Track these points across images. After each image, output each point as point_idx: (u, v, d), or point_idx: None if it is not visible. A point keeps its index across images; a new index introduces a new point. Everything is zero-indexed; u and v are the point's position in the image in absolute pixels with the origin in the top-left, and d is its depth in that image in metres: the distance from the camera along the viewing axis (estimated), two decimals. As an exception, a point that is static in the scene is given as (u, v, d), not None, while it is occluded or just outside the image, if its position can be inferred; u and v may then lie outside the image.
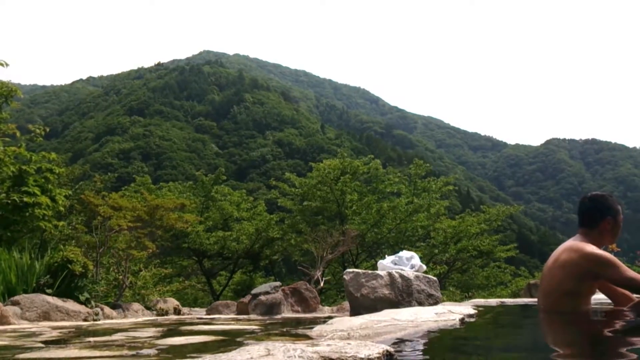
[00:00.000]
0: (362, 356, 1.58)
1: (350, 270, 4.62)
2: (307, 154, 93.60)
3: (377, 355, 1.61)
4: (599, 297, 3.82)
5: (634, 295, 3.35)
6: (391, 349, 1.70)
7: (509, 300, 4.90)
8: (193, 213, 16.05)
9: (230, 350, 1.56)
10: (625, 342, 2.18)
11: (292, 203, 18.52)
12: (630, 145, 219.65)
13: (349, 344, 1.76)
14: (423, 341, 2.18)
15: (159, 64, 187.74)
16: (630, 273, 3.16)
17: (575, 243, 3.34)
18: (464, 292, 16.73)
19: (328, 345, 1.76)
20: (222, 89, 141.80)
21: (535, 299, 3.86)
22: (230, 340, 3.38)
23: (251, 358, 1.35)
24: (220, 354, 1.46)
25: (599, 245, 3.30)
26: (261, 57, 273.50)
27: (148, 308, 8.06)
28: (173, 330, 4.57)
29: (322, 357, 1.56)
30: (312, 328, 2.99)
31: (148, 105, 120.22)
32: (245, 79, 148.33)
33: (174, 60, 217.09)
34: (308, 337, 2.39)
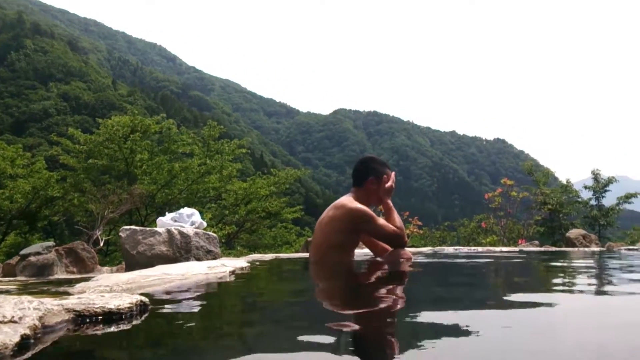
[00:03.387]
0: (112, 307, 1.51)
1: (127, 227, 4.45)
2: (97, 110, 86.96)
3: (129, 305, 1.55)
4: (364, 251, 4.19)
5: (391, 248, 3.75)
6: (146, 300, 1.66)
7: (283, 255, 5.14)
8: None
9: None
10: (376, 287, 2.42)
11: (75, 161, 17.25)
12: (405, 119, 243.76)
13: (102, 296, 1.67)
14: (186, 292, 2.17)
15: None
16: (387, 228, 3.52)
17: (342, 200, 3.59)
18: (251, 251, 17.25)
19: (78, 298, 1.66)
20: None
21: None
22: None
23: (-27, 312, 1.20)
24: None
25: (366, 204, 3.57)
26: (45, 1, 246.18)
27: None
28: None
29: (66, 309, 1.45)
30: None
31: None
32: (25, 22, 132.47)
33: None
34: (68, 294, 2.23)
